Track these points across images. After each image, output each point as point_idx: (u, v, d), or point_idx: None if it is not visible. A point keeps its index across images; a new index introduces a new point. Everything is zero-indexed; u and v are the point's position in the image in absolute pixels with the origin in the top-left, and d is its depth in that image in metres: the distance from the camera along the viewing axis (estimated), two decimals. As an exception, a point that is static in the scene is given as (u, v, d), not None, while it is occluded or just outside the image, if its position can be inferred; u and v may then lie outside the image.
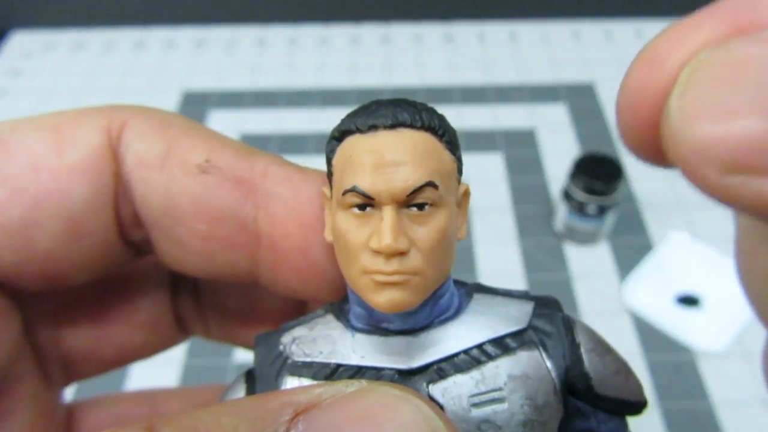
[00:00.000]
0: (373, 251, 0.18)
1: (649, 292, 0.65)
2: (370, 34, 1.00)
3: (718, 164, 0.13)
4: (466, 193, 0.20)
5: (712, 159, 0.13)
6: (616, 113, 0.16)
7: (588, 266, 0.69)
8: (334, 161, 0.19)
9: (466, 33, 1.00)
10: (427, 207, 0.18)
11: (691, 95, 0.13)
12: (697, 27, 0.15)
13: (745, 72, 0.13)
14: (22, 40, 1.02)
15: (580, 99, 0.88)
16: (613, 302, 0.65)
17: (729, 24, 0.15)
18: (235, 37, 1.01)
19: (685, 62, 0.15)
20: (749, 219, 0.15)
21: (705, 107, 0.13)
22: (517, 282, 0.67)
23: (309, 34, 1.01)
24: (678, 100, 0.14)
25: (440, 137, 0.19)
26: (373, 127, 0.18)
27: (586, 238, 0.70)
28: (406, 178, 0.17)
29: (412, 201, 0.18)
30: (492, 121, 0.85)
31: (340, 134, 0.19)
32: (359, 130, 0.18)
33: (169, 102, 0.89)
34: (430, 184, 0.18)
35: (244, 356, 0.61)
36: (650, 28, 0.96)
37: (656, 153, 0.15)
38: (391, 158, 0.18)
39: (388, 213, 0.17)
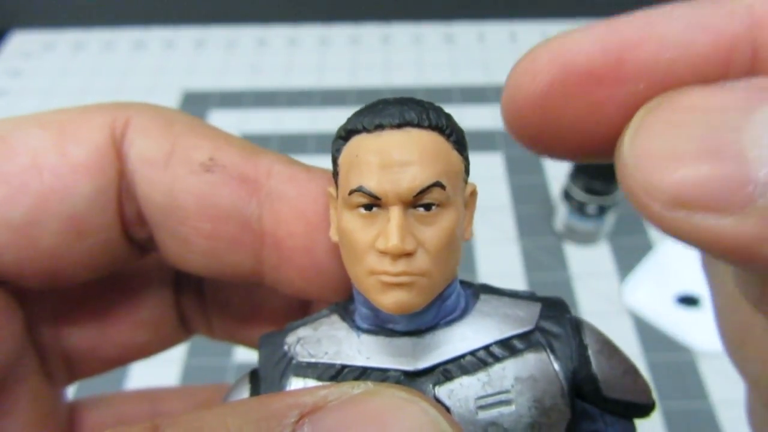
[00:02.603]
0: (380, 252, 0.17)
1: (649, 292, 0.65)
2: (370, 34, 1.00)
3: (664, 200, 0.14)
4: (473, 194, 0.20)
5: (659, 196, 0.14)
6: (501, 105, 0.17)
7: (588, 266, 0.69)
8: (340, 160, 0.19)
9: (466, 33, 1.00)
10: (434, 207, 0.18)
11: (642, 138, 0.14)
12: (575, 44, 0.16)
13: (692, 119, 0.14)
14: (22, 40, 1.02)
15: (580, 99, 0.87)
16: (613, 302, 0.65)
17: (611, 42, 0.16)
18: (235, 37, 1.01)
19: (557, 75, 0.16)
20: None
21: (654, 151, 0.14)
22: (517, 282, 0.67)
23: (309, 34, 1.01)
24: (630, 141, 0.15)
25: (448, 137, 0.18)
26: (380, 127, 0.18)
27: (586, 238, 0.70)
28: (413, 178, 0.17)
29: (419, 201, 0.17)
30: (492, 121, 0.85)
31: (346, 133, 0.19)
32: (366, 130, 0.18)
33: (169, 102, 0.89)
34: (438, 185, 0.17)
35: (244, 356, 0.61)
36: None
37: (535, 143, 0.17)
38: (398, 158, 0.17)
39: (394, 213, 0.17)
